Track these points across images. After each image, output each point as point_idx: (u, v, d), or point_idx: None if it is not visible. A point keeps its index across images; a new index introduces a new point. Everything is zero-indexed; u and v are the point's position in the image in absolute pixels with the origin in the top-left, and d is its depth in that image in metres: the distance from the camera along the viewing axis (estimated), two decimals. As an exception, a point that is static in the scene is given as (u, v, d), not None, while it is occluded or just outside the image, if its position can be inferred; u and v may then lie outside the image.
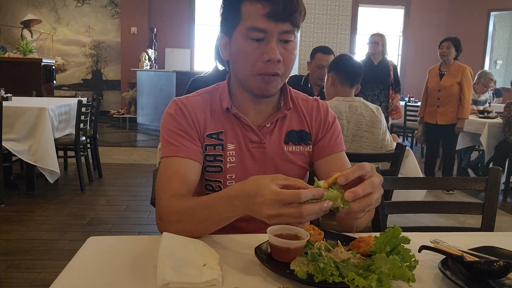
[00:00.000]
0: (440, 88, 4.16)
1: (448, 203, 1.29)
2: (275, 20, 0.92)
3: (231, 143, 1.04)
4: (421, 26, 8.72)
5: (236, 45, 0.97)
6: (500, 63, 10.19)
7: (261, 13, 0.91)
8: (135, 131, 7.36)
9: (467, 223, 3.26)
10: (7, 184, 3.54)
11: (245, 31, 0.94)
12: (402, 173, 2.16)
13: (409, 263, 0.71)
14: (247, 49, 0.95)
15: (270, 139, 1.05)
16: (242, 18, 0.94)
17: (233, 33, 0.97)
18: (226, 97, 1.05)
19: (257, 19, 0.92)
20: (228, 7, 0.98)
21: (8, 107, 3.25)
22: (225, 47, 1.03)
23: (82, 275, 0.71)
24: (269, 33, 0.93)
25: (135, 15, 8.28)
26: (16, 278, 2.18)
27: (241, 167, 1.04)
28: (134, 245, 0.85)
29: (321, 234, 0.82)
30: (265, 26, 0.92)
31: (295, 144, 1.07)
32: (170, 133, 1.00)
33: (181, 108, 1.02)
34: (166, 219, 0.89)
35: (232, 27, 0.97)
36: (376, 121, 2.04)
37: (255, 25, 0.92)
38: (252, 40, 0.94)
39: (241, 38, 0.95)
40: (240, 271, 0.74)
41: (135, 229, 2.92)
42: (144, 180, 4.17)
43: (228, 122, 1.05)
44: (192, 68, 8.60)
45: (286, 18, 0.92)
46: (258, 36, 0.93)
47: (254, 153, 1.05)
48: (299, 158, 1.08)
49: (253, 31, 0.93)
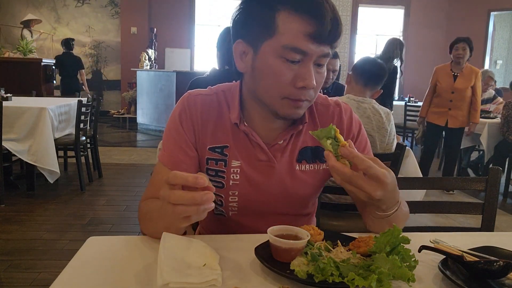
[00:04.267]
0: (453, 90, 4.02)
1: (448, 203, 1.29)
2: (319, 42, 0.80)
3: (236, 159, 0.95)
4: (421, 26, 8.72)
5: (263, 61, 0.83)
6: (500, 63, 10.19)
7: (304, 31, 0.79)
8: (135, 131, 7.36)
9: (467, 223, 3.26)
10: (7, 184, 3.54)
11: (280, 48, 0.81)
12: (402, 173, 2.16)
13: (409, 263, 0.71)
14: (279, 70, 0.82)
15: (281, 157, 0.96)
16: (278, 32, 0.80)
17: (261, 45, 0.83)
18: (235, 110, 0.93)
19: (298, 38, 0.79)
20: (258, 13, 0.83)
21: (8, 107, 3.25)
22: (243, 57, 0.88)
23: (82, 275, 0.71)
24: (308, 55, 0.81)
25: (135, 15, 8.29)
26: (16, 278, 2.18)
27: (245, 184, 0.96)
28: (134, 245, 0.85)
29: (321, 234, 0.82)
30: (307, 48, 0.80)
31: (309, 162, 0.98)
32: (169, 138, 0.95)
33: (187, 112, 0.94)
34: (139, 222, 0.93)
35: (261, 39, 0.83)
36: (381, 127, 1.99)
37: (295, 45, 0.79)
38: (287, 61, 0.81)
39: (272, 55, 0.82)
40: (240, 271, 0.74)
41: (135, 229, 2.92)
42: (144, 180, 4.17)
43: (235, 136, 0.95)
44: (192, 68, 8.60)
45: (330, 41, 0.81)
46: (295, 58, 0.81)
47: (261, 171, 0.96)
48: (312, 176, 0.99)
49: (291, 51, 0.80)
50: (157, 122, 7.05)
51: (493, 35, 8.96)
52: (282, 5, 0.80)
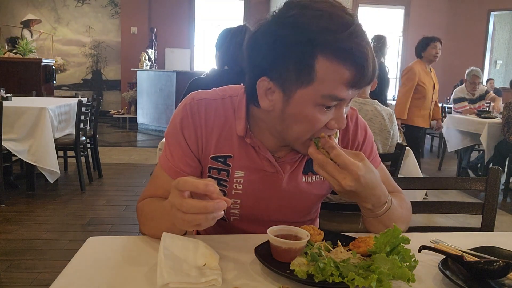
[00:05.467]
0: (433, 89, 3.93)
1: (448, 203, 1.29)
2: (357, 88, 0.76)
3: (240, 169, 0.91)
4: (421, 26, 8.70)
5: (298, 109, 0.78)
6: (500, 63, 10.19)
7: (344, 79, 0.73)
8: (135, 131, 7.36)
9: (467, 223, 3.26)
10: (7, 184, 3.54)
11: (318, 98, 0.75)
12: (402, 173, 2.16)
13: (409, 263, 0.71)
14: (315, 117, 0.78)
15: (288, 170, 0.93)
16: (316, 80, 0.74)
17: (295, 92, 0.76)
18: (242, 121, 0.88)
19: (337, 86, 0.74)
20: (294, 58, 0.74)
21: (8, 107, 3.25)
22: (268, 95, 0.81)
23: (82, 275, 0.71)
24: (344, 100, 0.78)
25: (135, 15, 8.29)
26: (16, 278, 2.18)
27: (248, 194, 0.93)
28: (134, 245, 0.85)
29: (321, 234, 0.82)
30: (346, 95, 0.76)
31: (315, 173, 0.95)
32: (170, 142, 0.91)
33: (190, 116, 0.89)
34: (139, 222, 0.94)
35: (295, 85, 0.76)
36: (384, 130, 1.97)
37: (335, 94, 0.75)
38: (323, 107, 0.77)
39: (309, 103, 0.76)
40: (240, 271, 0.74)
41: (135, 229, 2.92)
42: (144, 180, 4.17)
43: (240, 147, 0.90)
44: (192, 68, 8.61)
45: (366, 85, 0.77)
46: (332, 104, 0.77)
47: (266, 182, 0.93)
48: (317, 187, 0.98)
49: (330, 99, 0.76)
50: (157, 122, 7.05)
51: (493, 35, 8.96)
52: (324, 52, 0.72)
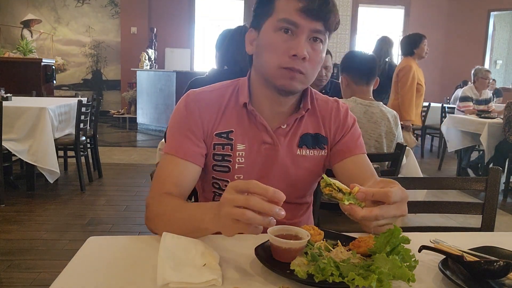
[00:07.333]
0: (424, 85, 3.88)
1: (448, 203, 1.29)
2: (308, 16, 0.91)
3: (241, 143, 1.01)
4: (421, 26, 8.70)
5: (264, 37, 0.96)
6: (500, 63, 10.20)
7: (295, 7, 0.91)
8: (135, 131, 7.36)
9: (467, 223, 3.26)
10: (7, 184, 3.55)
11: (276, 22, 0.93)
12: (402, 173, 2.15)
13: (409, 263, 0.71)
14: (276, 41, 0.93)
15: (284, 141, 1.03)
16: (275, 11, 0.94)
17: (263, 25, 0.96)
18: (245, 92, 1.02)
19: (290, 13, 0.92)
20: (262, 1, 0.98)
21: (8, 107, 3.25)
22: (252, 41, 1.01)
23: (82, 275, 0.71)
24: (300, 28, 0.91)
25: (135, 15, 8.29)
26: (16, 278, 2.18)
27: (249, 168, 1.02)
28: (134, 245, 0.85)
29: (321, 234, 0.82)
30: (296, 20, 0.91)
31: (309, 148, 1.04)
32: (175, 130, 1.00)
33: (192, 104, 1.00)
34: (151, 220, 0.92)
35: (263, 20, 0.96)
36: (389, 132, 1.94)
37: (288, 17, 0.92)
38: (282, 32, 0.92)
39: (270, 30, 0.94)
40: (240, 271, 0.74)
41: (135, 229, 2.92)
42: (144, 180, 4.17)
43: (240, 121, 1.02)
44: (192, 68, 8.60)
45: (318, 17, 0.91)
46: (288, 27, 0.92)
47: (265, 155, 1.02)
48: (312, 162, 1.05)
49: (284, 22, 0.92)
50: (157, 122, 7.05)
51: (493, 35, 8.97)
52: None
